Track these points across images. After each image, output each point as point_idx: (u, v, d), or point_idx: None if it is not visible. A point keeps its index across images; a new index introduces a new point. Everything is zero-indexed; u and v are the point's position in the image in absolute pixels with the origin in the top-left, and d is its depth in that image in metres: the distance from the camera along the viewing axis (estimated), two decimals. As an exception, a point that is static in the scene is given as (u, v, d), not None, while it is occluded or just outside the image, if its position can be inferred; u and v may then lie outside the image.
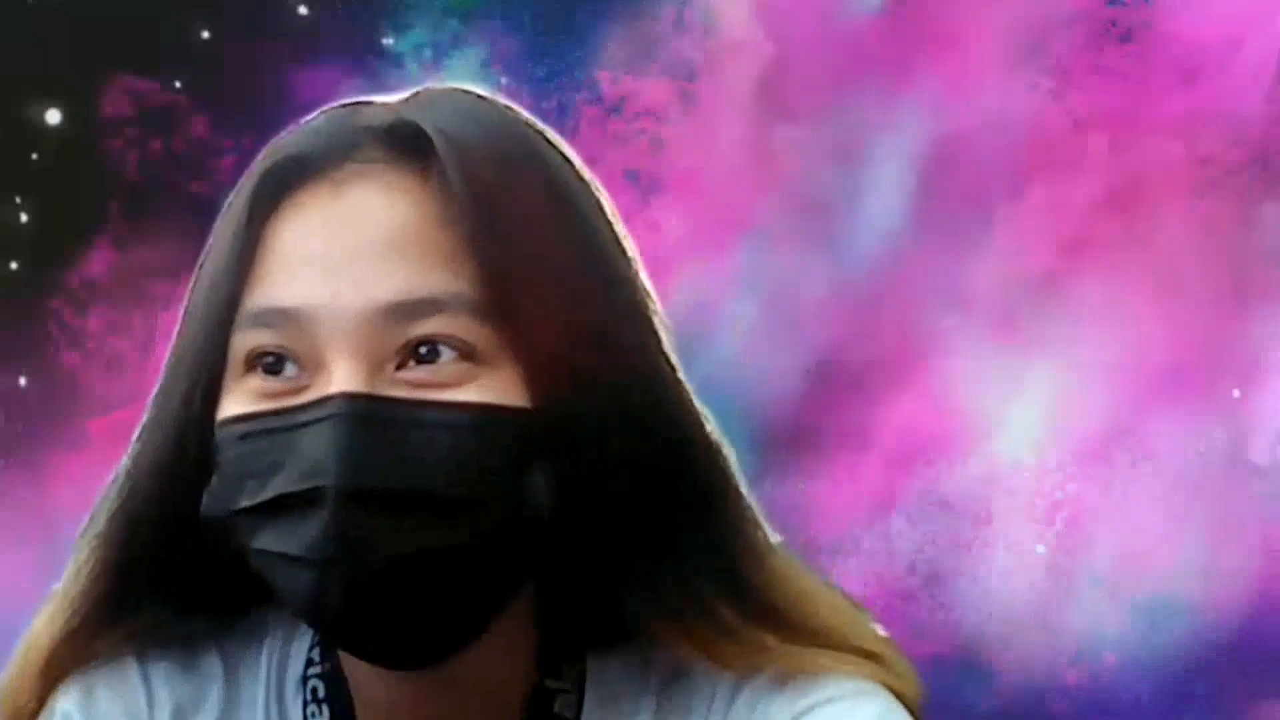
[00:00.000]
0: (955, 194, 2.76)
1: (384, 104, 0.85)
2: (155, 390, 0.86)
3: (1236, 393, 2.72)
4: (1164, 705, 2.70)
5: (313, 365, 0.78)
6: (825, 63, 2.81)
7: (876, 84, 2.78)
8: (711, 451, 0.84)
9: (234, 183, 0.87)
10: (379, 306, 0.77)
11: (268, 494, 0.77)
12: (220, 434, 0.80)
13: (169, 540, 0.83)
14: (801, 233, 2.78)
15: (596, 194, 0.85)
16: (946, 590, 2.73)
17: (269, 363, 0.79)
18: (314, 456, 0.75)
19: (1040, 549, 2.74)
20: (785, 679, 0.83)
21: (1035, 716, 2.71)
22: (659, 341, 0.84)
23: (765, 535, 0.86)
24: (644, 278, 0.85)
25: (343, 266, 0.78)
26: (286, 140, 0.85)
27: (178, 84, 2.80)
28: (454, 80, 3.05)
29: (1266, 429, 2.72)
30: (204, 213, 3.17)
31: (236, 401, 0.80)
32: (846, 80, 2.79)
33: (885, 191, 2.76)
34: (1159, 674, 2.69)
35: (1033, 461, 2.74)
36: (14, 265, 2.77)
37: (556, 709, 0.84)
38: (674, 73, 2.82)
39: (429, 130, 0.81)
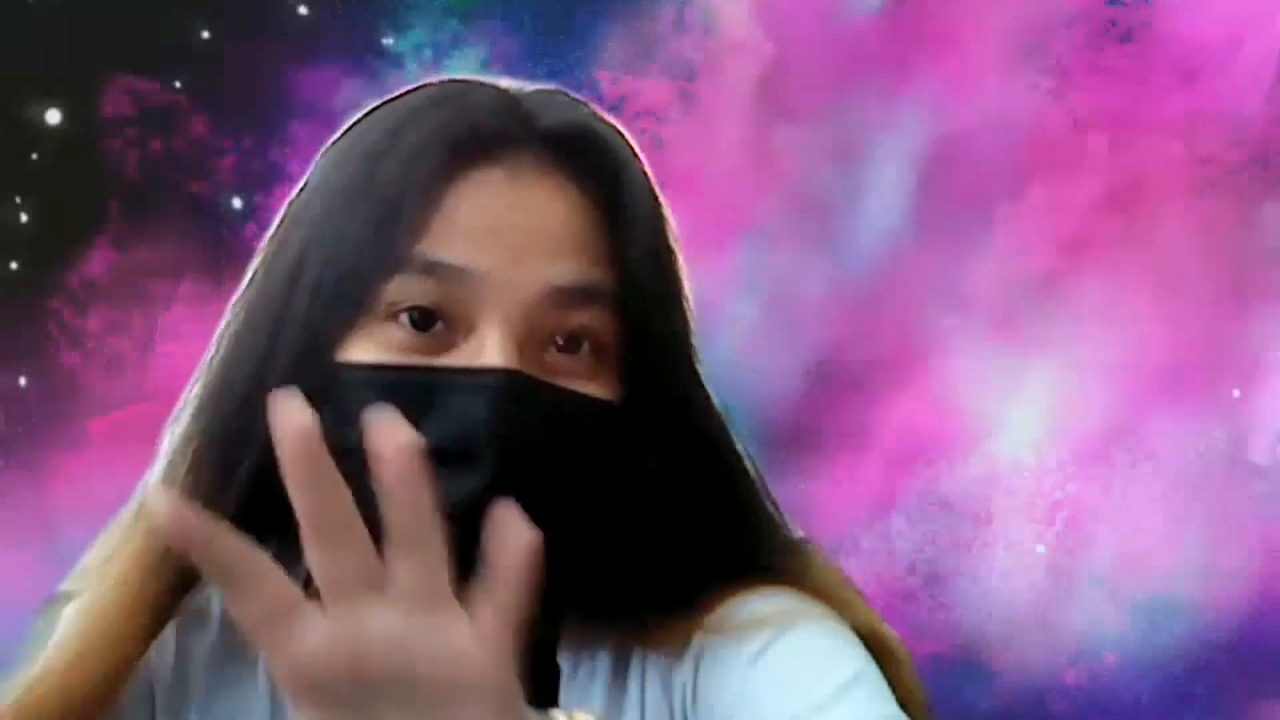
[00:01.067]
0: (955, 194, 2.76)
1: (531, 94, 0.93)
2: (252, 314, 0.89)
3: (1236, 393, 2.72)
4: (1164, 705, 2.70)
5: (465, 329, 0.84)
6: (825, 63, 2.81)
7: (876, 84, 2.78)
8: (742, 458, 0.97)
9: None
10: (543, 287, 0.85)
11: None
12: (356, 375, 0.84)
13: (246, 461, 0.87)
14: (801, 233, 2.78)
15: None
16: (946, 590, 2.73)
17: (418, 317, 0.84)
18: (472, 420, 0.81)
19: (1040, 549, 2.74)
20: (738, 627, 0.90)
21: (1035, 716, 2.71)
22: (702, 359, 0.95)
23: (785, 532, 0.96)
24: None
25: (518, 245, 0.85)
26: (459, 109, 0.90)
27: (178, 84, 2.80)
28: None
29: (1266, 429, 2.72)
30: (204, 213, 3.18)
31: (373, 347, 0.84)
32: (846, 80, 2.79)
33: (885, 191, 2.76)
34: (1159, 674, 2.69)
35: (1033, 461, 2.74)
36: (14, 265, 2.77)
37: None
38: (674, 73, 2.82)
39: (602, 141, 0.91)
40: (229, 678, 0.94)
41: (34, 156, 2.78)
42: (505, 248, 0.85)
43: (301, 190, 0.93)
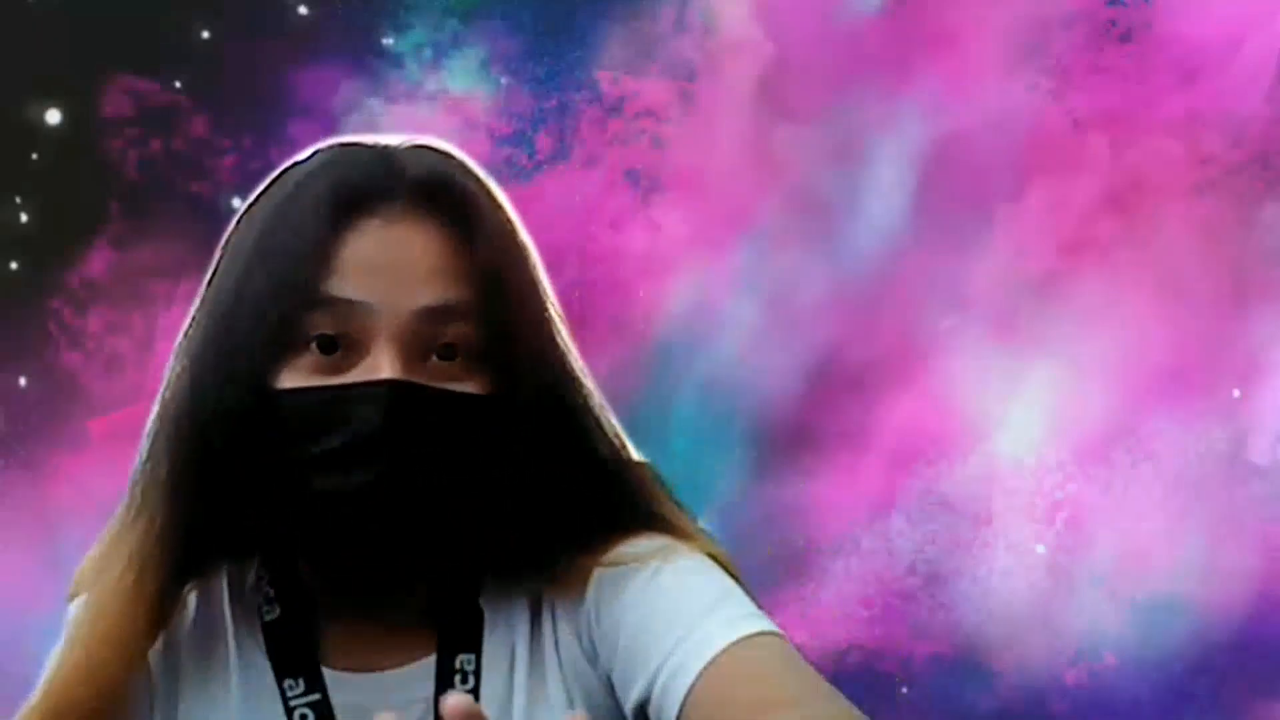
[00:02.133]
0: (955, 194, 2.76)
1: (404, 150, 1.14)
2: (202, 351, 1.09)
3: (1236, 393, 2.72)
4: (1164, 705, 2.70)
5: (362, 350, 1.05)
6: (825, 63, 2.81)
7: (876, 84, 2.78)
8: (614, 430, 1.14)
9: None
10: (419, 309, 1.06)
11: (330, 445, 1.04)
12: (284, 399, 1.05)
13: (225, 482, 1.07)
14: (801, 233, 2.78)
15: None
16: (946, 590, 2.74)
17: (323, 343, 1.05)
18: (370, 422, 1.04)
19: (1040, 549, 2.74)
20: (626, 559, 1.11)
21: (1035, 716, 2.72)
22: (571, 349, 1.14)
23: (648, 476, 1.15)
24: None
25: (394, 278, 1.06)
26: (339, 168, 1.12)
27: (178, 84, 2.80)
28: (454, 80, 3.05)
29: (1266, 429, 2.72)
30: (204, 213, 3.17)
31: (296, 373, 1.06)
32: (846, 80, 2.80)
33: (885, 191, 2.76)
34: (1159, 674, 2.70)
35: (1033, 461, 2.74)
36: (14, 265, 2.77)
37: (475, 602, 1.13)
38: (674, 73, 2.82)
39: (455, 188, 1.10)
40: (205, 652, 1.13)
41: (34, 156, 2.78)
42: (385, 281, 1.06)
43: (225, 247, 1.16)
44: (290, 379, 1.06)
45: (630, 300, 2.67)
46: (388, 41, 2.84)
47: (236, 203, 2.79)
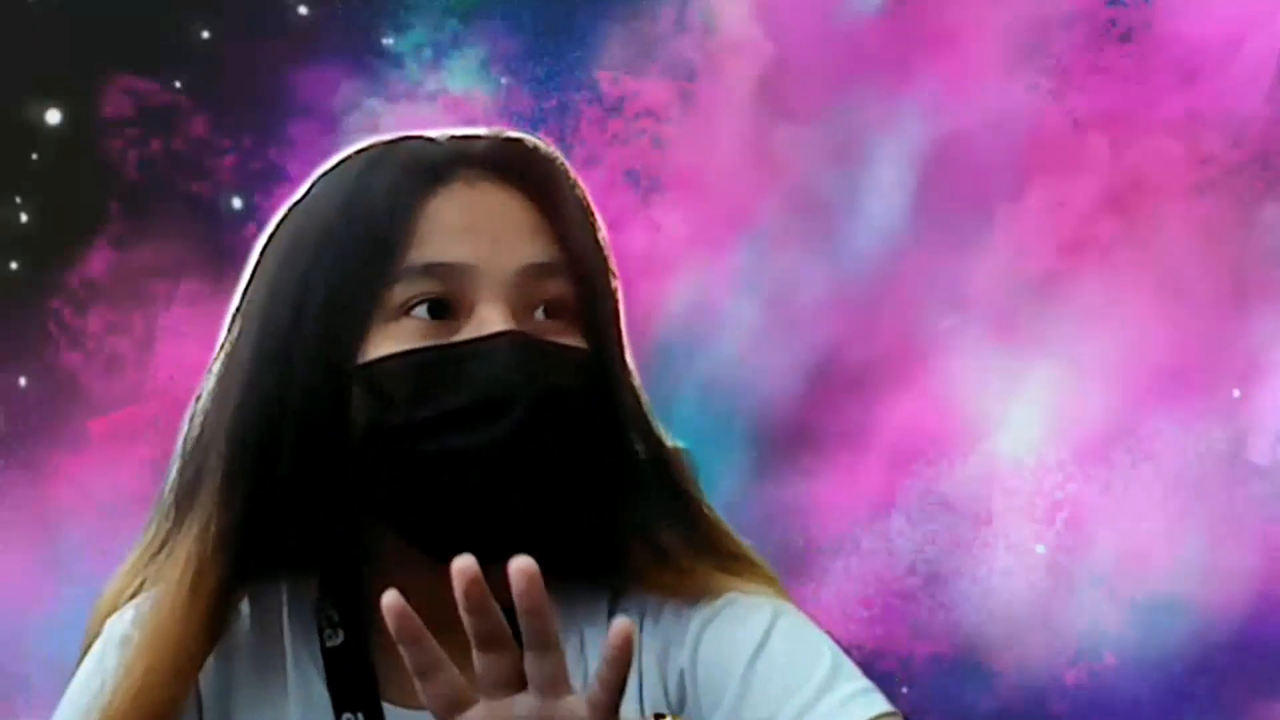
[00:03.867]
0: (955, 194, 2.76)
1: (469, 131, 1.12)
2: (260, 346, 1.04)
3: (1236, 393, 2.72)
4: (1164, 705, 2.70)
5: (465, 312, 1.02)
6: (825, 63, 2.81)
7: (876, 84, 2.78)
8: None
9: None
10: (522, 266, 1.04)
11: (460, 403, 1.00)
12: (389, 365, 1.01)
13: (295, 476, 1.02)
14: (801, 233, 2.78)
15: None
16: (946, 590, 2.74)
17: (433, 305, 1.02)
18: (498, 375, 1.00)
19: (1040, 549, 2.74)
20: (701, 595, 1.07)
21: (1035, 716, 2.71)
22: None
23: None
24: None
25: (492, 237, 1.04)
26: (410, 147, 1.09)
27: (178, 84, 2.80)
28: (454, 80, 3.05)
29: (1266, 429, 2.72)
30: (204, 213, 3.17)
31: (393, 343, 1.02)
32: (846, 80, 2.79)
33: (885, 191, 2.76)
34: (1159, 674, 2.69)
35: (1033, 461, 2.74)
36: (14, 265, 2.77)
37: None
38: (674, 73, 2.82)
39: (529, 153, 1.09)
40: (260, 675, 1.07)
41: (34, 156, 2.78)
42: (484, 241, 1.03)
43: (270, 246, 1.09)
44: (385, 348, 1.02)
45: (630, 300, 2.67)
46: (388, 41, 2.84)
47: (237, 203, 2.79)
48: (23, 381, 2.76)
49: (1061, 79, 2.77)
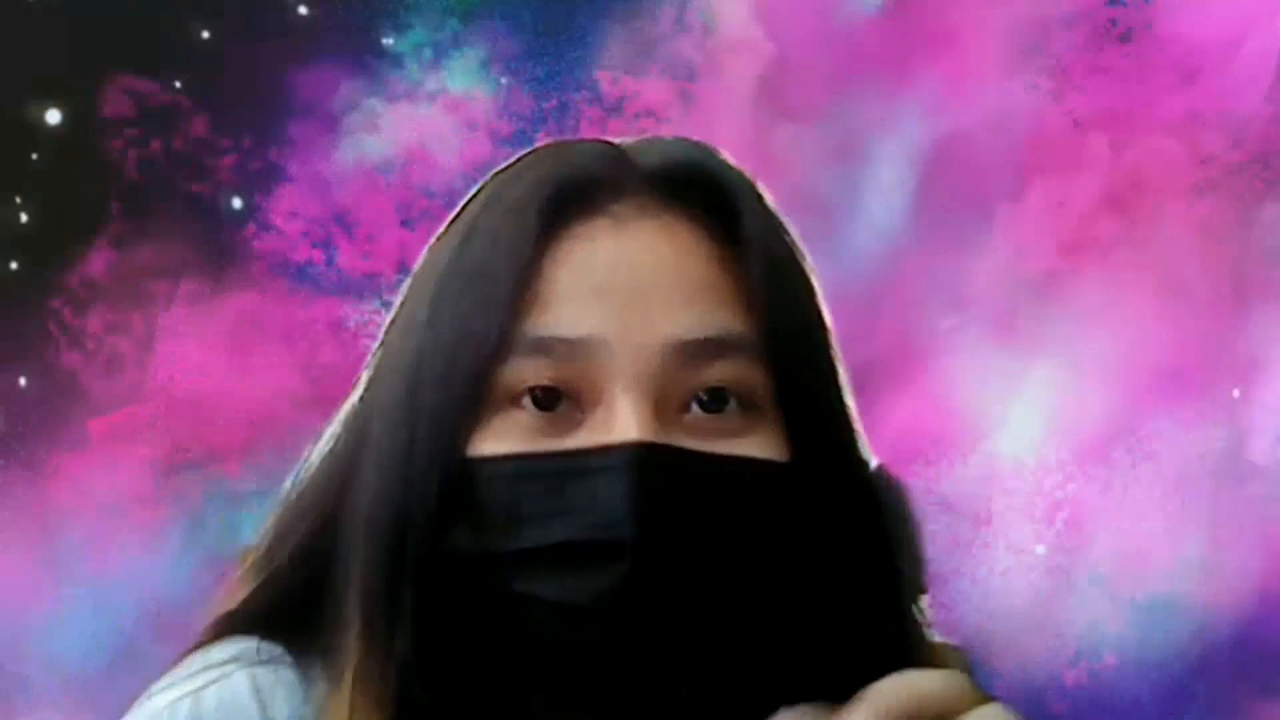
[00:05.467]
0: (955, 194, 2.76)
1: (637, 141, 0.84)
2: (375, 416, 0.81)
3: (1236, 393, 2.72)
4: (1164, 705, 2.70)
5: (591, 402, 0.76)
6: (825, 63, 2.81)
7: (876, 84, 2.78)
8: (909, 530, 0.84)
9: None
10: (672, 343, 0.76)
11: (553, 538, 0.74)
12: (484, 470, 0.76)
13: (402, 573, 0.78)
14: (801, 233, 2.77)
15: None
16: (946, 590, 2.73)
17: (540, 397, 0.76)
18: (609, 506, 0.73)
19: (1040, 549, 2.74)
20: None
21: (1035, 716, 2.71)
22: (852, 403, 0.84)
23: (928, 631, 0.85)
24: None
25: (634, 301, 0.76)
26: (554, 161, 0.82)
27: (178, 84, 2.80)
28: (454, 80, 3.04)
29: (1266, 429, 2.72)
30: (204, 213, 3.17)
31: (502, 438, 0.77)
32: (846, 80, 2.79)
33: (885, 191, 2.76)
34: (1159, 674, 2.69)
35: (1033, 461, 2.74)
36: (14, 265, 2.77)
37: None
38: (674, 73, 2.82)
39: (715, 176, 0.81)
40: None
41: (34, 156, 2.78)
42: (619, 307, 0.76)
43: (415, 275, 0.85)
44: (491, 445, 0.76)
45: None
46: (388, 41, 2.84)
47: (237, 203, 2.79)
48: (23, 381, 2.76)
49: (1061, 79, 2.77)
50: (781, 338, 0.78)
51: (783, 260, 0.82)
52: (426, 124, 2.80)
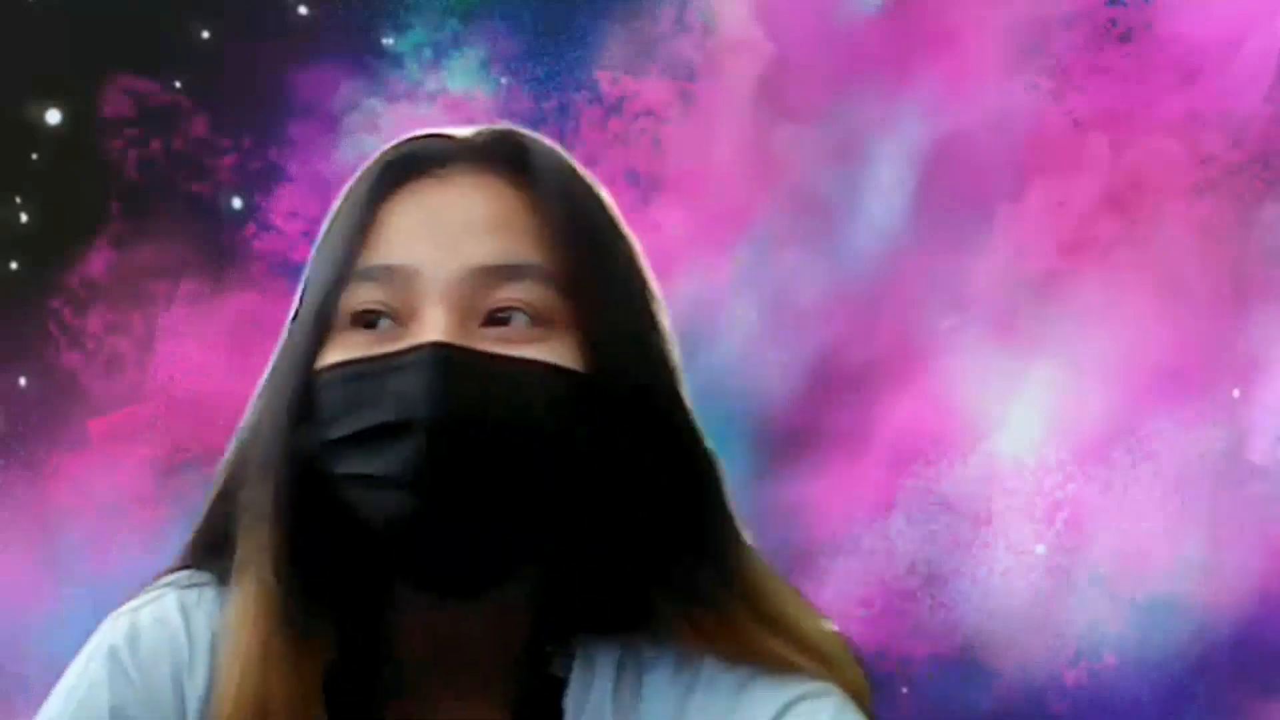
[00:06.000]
0: (955, 194, 2.76)
1: (456, 131, 1.01)
2: (278, 351, 0.99)
3: (1236, 393, 2.72)
4: (1164, 705, 2.70)
5: (408, 319, 0.92)
6: (825, 63, 2.81)
7: (876, 84, 2.78)
8: (711, 452, 0.98)
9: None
10: (473, 268, 0.92)
11: (362, 424, 0.91)
12: (321, 379, 0.93)
13: (277, 484, 0.94)
14: (801, 233, 2.78)
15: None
16: (946, 590, 2.74)
17: (368, 318, 0.93)
18: (407, 392, 0.89)
19: (1040, 549, 2.74)
20: (758, 673, 0.95)
21: (1035, 716, 2.71)
22: (673, 341, 0.98)
23: (745, 532, 0.99)
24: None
25: (443, 237, 0.94)
26: (397, 146, 1.00)
27: (178, 84, 2.80)
28: (454, 80, 3.05)
29: (1266, 429, 2.72)
30: (204, 213, 3.17)
31: (338, 352, 0.93)
32: (846, 80, 2.80)
33: (885, 191, 2.76)
34: (1159, 674, 2.69)
35: (1033, 461, 2.74)
36: (14, 265, 2.77)
37: (551, 669, 0.96)
38: (674, 73, 2.82)
39: (522, 143, 0.98)
40: None
41: (34, 156, 2.78)
42: (434, 241, 0.93)
43: None
44: (333, 359, 0.93)
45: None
46: (388, 41, 2.84)
47: (237, 203, 2.79)
48: (23, 381, 2.76)
49: (1061, 79, 2.77)
50: (574, 267, 0.93)
51: (582, 208, 0.97)
52: (426, 124, 2.80)
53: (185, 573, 0.99)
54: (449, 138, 1.00)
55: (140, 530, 2.63)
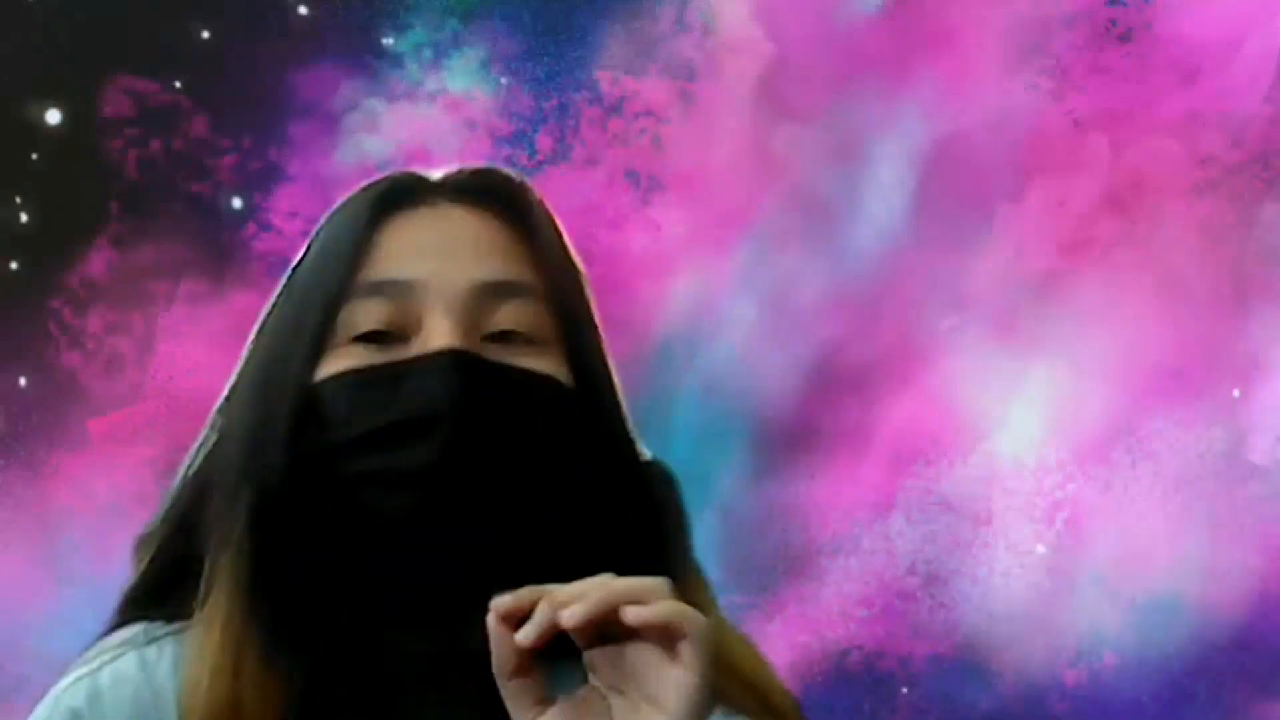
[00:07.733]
0: (955, 194, 2.76)
1: (448, 169, 1.06)
2: (250, 362, 1.01)
3: (1236, 393, 2.72)
4: (1164, 705, 2.70)
5: (412, 332, 0.96)
6: (825, 63, 2.81)
7: (876, 84, 2.78)
8: (662, 464, 1.04)
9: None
10: (476, 283, 0.97)
11: (382, 420, 0.93)
12: (327, 389, 0.95)
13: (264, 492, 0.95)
14: (801, 233, 2.78)
15: None
16: (946, 590, 2.74)
17: (370, 336, 0.95)
18: (429, 392, 0.93)
19: (1040, 549, 2.74)
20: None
21: (1035, 716, 2.72)
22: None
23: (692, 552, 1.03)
24: None
25: (447, 254, 0.99)
26: (381, 181, 1.04)
27: (178, 84, 2.80)
28: (454, 80, 3.05)
29: (1266, 429, 2.72)
30: (204, 213, 3.16)
31: (342, 363, 0.96)
32: (846, 80, 2.80)
33: (885, 191, 2.76)
34: (1159, 674, 2.70)
35: (1033, 461, 2.74)
36: (14, 265, 2.77)
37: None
38: (674, 73, 2.82)
39: (505, 179, 1.04)
40: None
41: (34, 156, 2.78)
42: (436, 258, 0.98)
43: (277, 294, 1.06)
44: (332, 370, 0.96)
45: (630, 300, 2.67)
46: (388, 41, 2.84)
47: (237, 203, 2.79)
48: (23, 381, 2.76)
49: (1061, 79, 2.77)
50: (560, 290, 1.00)
51: (558, 237, 1.03)
52: (426, 124, 2.80)
53: (139, 628, 0.98)
54: (430, 178, 1.05)
55: (140, 530, 2.63)
